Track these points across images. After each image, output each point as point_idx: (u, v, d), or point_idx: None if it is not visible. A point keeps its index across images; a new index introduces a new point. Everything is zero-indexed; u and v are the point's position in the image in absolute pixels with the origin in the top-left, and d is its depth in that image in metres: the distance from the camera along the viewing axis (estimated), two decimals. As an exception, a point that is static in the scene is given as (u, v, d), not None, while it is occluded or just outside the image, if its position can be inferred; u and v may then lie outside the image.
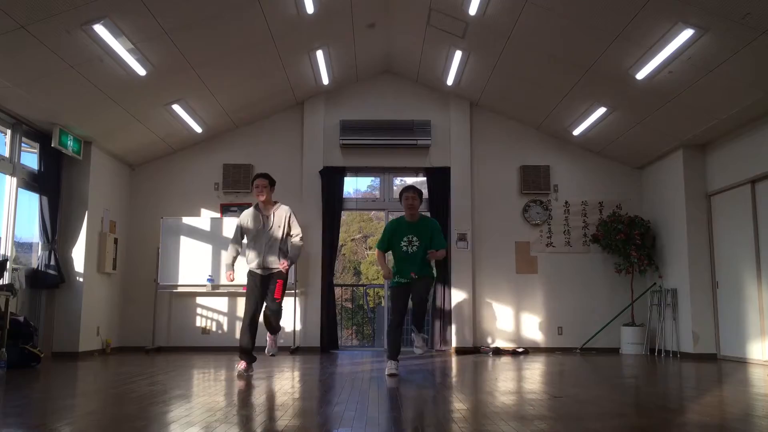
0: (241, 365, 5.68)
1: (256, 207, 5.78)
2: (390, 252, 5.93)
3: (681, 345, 8.13)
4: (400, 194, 5.88)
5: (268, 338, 5.95)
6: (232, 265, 5.77)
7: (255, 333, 5.71)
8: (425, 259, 5.71)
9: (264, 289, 5.69)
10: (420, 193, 5.85)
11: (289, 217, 5.75)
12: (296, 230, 5.77)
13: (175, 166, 9.27)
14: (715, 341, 7.83)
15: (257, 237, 5.67)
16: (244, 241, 5.79)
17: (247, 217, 5.75)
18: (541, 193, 9.21)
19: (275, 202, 5.79)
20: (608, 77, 7.16)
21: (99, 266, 8.17)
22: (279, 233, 5.68)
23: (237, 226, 5.79)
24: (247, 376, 5.53)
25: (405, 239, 5.72)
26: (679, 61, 6.28)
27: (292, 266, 5.85)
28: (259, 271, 5.68)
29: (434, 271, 6.09)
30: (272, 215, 5.71)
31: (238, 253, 5.79)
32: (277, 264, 5.65)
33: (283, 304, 5.83)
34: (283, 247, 5.73)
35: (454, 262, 8.88)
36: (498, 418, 3.48)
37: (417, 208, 5.81)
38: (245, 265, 5.79)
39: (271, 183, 5.77)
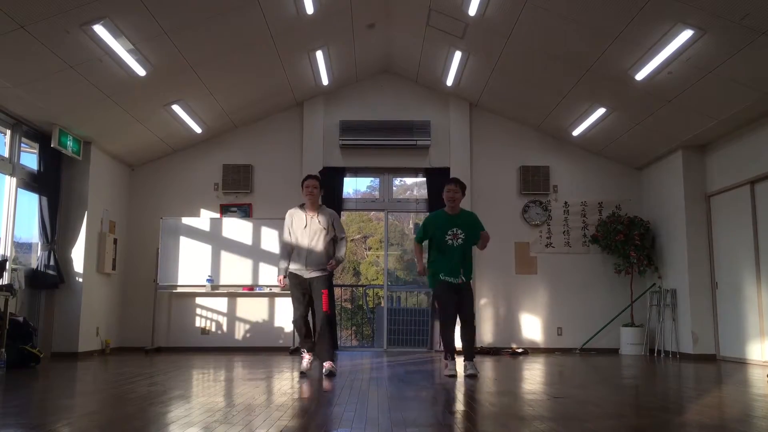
0: (305, 358, 5.68)
1: (301, 207, 5.74)
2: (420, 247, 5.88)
3: (680, 345, 8.13)
4: (443, 187, 5.78)
5: (325, 365, 5.66)
6: (286, 270, 5.67)
7: (309, 324, 5.70)
8: (468, 256, 5.68)
9: (305, 289, 5.65)
10: (463, 186, 5.79)
11: (334, 221, 5.73)
12: (342, 233, 5.76)
13: (175, 166, 9.27)
14: (715, 342, 7.83)
15: (301, 238, 5.64)
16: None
17: (292, 216, 5.72)
18: (541, 193, 9.21)
19: (320, 205, 5.77)
20: (608, 78, 7.16)
21: (98, 266, 8.17)
22: (323, 236, 5.63)
23: (286, 227, 5.73)
24: (309, 375, 5.57)
25: (450, 232, 5.63)
26: (678, 62, 6.28)
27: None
28: (299, 273, 5.63)
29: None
30: (317, 217, 5.67)
31: (293, 249, 5.68)
32: (320, 266, 5.63)
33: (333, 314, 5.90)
34: (326, 251, 5.67)
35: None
36: (498, 418, 3.48)
37: (458, 201, 5.73)
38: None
39: (322, 186, 5.75)
